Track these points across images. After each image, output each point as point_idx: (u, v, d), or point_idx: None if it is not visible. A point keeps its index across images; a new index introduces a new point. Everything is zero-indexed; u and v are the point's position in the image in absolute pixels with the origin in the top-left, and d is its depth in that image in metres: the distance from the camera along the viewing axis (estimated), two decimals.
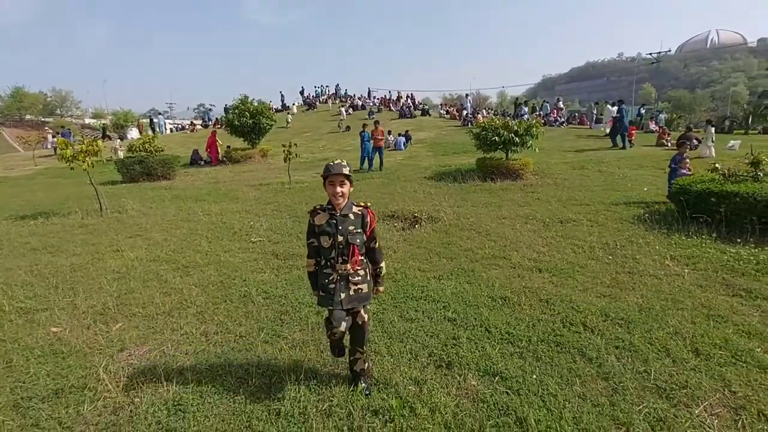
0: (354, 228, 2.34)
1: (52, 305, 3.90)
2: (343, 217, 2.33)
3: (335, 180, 2.29)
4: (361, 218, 2.37)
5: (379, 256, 2.52)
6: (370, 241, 2.43)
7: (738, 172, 6.37)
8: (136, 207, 8.89)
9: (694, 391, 2.45)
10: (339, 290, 2.33)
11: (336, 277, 2.34)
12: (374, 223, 2.42)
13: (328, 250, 2.33)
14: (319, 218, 2.37)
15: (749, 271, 4.36)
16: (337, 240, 2.31)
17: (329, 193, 2.32)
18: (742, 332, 3.13)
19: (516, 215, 7.17)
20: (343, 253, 2.32)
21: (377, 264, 2.52)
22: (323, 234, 2.33)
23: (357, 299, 2.37)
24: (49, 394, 2.56)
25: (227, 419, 2.29)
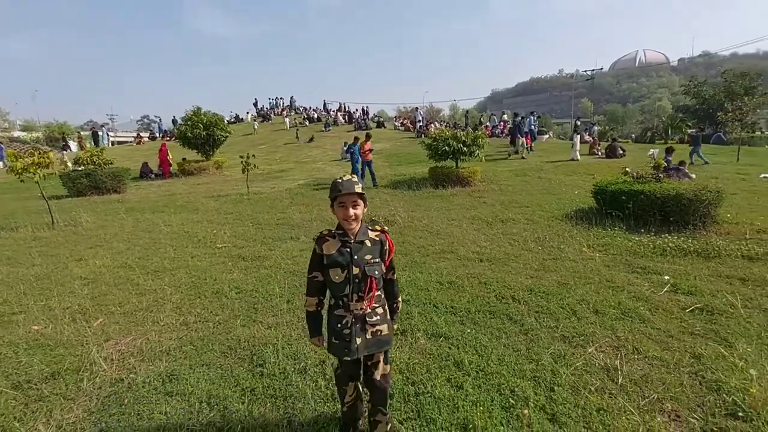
0: (371, 257, 1.95)
1: (26, 308, 4.05)
2: (359, 244, 1.94)
3: (347, 201, 1.89)
4: (380, 245, 1.99)
5: (397, 288, 2.19)
6: (388, 271, 2.08)
7: (644, 175, 7.53)
8: (90, 219, 8.79)
9: (589, 337, 3.18)
10: (354, 335, 1.93)
11: (351, 320, 1.94)
12: (393, 250, 2.06)
13: (341, 285, 1.93)
14: (329, 246, 1.94)
15: (647, 253, 5.31)
16: (352, 272, 1.91)
17: (339, 217, 1.92)
18: (633, 297, 3.95)
19: (463, 217, 7.94)
20: (359, 289, 1.93)
21: (395, 298, 2.17)
22: (334, 266, 1.92)
23: (376, 344, 1.99)
24: (46, 376, 2.83)
25: (217, 382, 2.70)
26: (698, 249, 5.30)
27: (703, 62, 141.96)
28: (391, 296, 2.15)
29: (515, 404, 2.38)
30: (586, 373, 2.70)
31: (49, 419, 2.39)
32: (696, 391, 2.51)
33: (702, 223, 6.32)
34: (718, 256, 5.11)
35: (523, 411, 2.29)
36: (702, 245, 5.41)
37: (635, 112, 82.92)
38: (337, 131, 29.18)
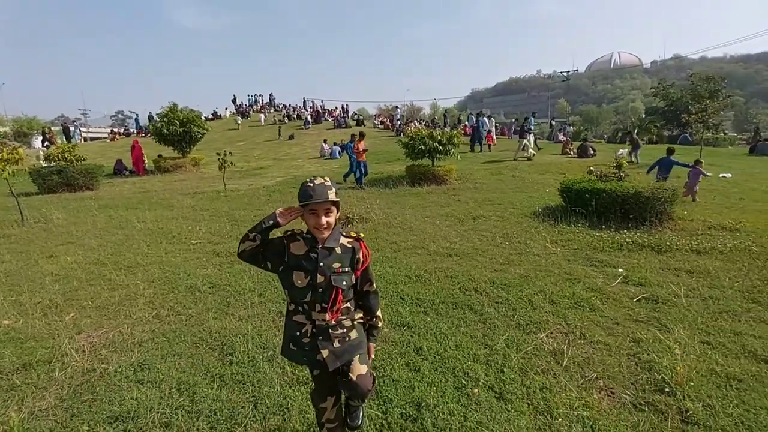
0: (340, 266, 1.77)
1: None
2: (327, 250, 1.76)
3: (318, 209, 1.70)
4: (351, 253, 1.80)
5: (375, 302, 1.94)
6: (363, 282, 1.88)
7: (607, 174, 7.91)
8: (61, 216, 8.64)
9: (542, 325, 3.42)
10: (318, 346, 1.77)
11: (310, 329, 1.79)
12: (368, 259, 1.86)
13: (302, 291, 1.74)
14: (296, 246, 1.78)
15: (605, 248, 5.64)
16: (316, 280, 1.73)
17: (310, 224, 1.74)
18: (587, 288, 4.24)
19: (437, 214, 8.17)
20: (322, 299, 1.75)
21: (372, 313, 1.94)
22: (298, 269, 1.74)
23: (348, 351, 1.81)
24: (17, 368, 2.88)
25: (188, 370, 2.82)
26: (652, 244, 5.66)
27: (674, 65, 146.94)
28: (367, 311, 1.92)
29: (467, 384, 2.59)
30: (534, 356, 2.94)
31: (20, 406, 2.46)
32: (631, 370, 2.77)
33: (658, 220, 6.71)
34: (669, 250, 5.47)
35: (473, 390, 2.50)
36: (656, 240, 5.78)
37: (609, 112, 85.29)
38: (317, 129, 29.13)
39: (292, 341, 1.84)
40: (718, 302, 3.85)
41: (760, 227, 6.42)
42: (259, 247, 1.76)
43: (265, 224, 1.73)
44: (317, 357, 1.78)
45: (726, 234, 6.16)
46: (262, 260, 1.79)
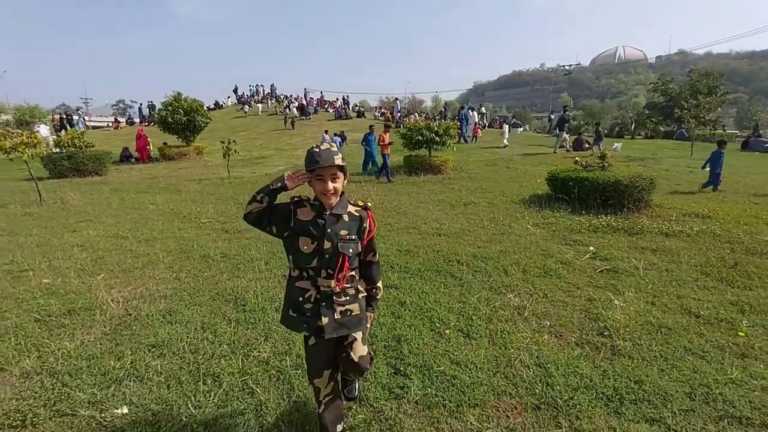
0: (347, 233, 1.78)
1: (33, 267, 4.57)
2: (335, 217, 1.78)
3: (325, 174, 1.71)
4: (359, 221, 1.83)
5: (377, 272, 1.98)
6: (367, 252, 1.91)
7: (592, 164, 8.39)
8: (76, 198, 9.15)
9: (512, 288, 3.94)
10: (320, 312, 1.78)
11: (315, 295, 1.79)
12: (374, 229, 1.89)
13: (308, 256, 1.76)
14: (304, 212, 1.79)
15: (582, 230, 6.15)
16: (323, 246, 1.74)
17: (317, 190, 1.75)
18: (558, 262, 4.75)
19: (431, 200, 8.68)
20: (328, 265, 1.77)
21: (373, 282, 1.96)
22: (305, 234, 1.75)
23: (347, 324, 1.82)
24: (63, 312, 3.41)
25: (208, 315, 3.35)
26: (625, 227, 6.17)
27: (679, 60, 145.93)
28: (369, 280, 1.95)
29: (440, 327, 3.12)
30: (500, 309, 3.46)
31: (72, 339, 2.99)
32: (580, 321, 3.30)
33: (636, 207, 7.21)
34: (640, 232, 5.98)
35: (445, 331, 3.03)
36: (630, 224, 6.28)
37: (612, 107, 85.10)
38: (317, 119, 29.53)
39: (292, 307, 1.83)
40: (672, 274, 4.37)
41: (730, 215, 6.91)
42: (266, 210, 1.74)
43: (273, 186, 1.73)
44: (317, 323, 1.77)
45: (697, 220, 6.66)
46: (267, 223, 1.77)
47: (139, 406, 2.25)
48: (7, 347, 2.87)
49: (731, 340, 2.94)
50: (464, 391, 2.34)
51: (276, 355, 2.73)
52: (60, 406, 2.27)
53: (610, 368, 2.58)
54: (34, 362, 2.71)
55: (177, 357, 2.74)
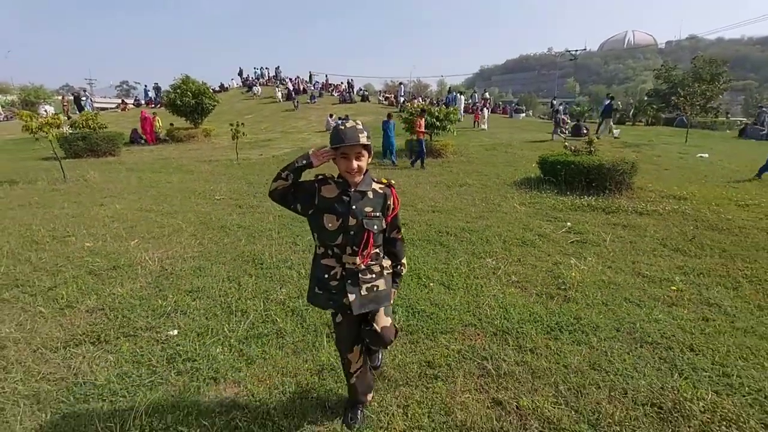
0: (372, 210, 1.81)
1: (73, 233, 5.23)
2: (360, 194, 1.80)
3: (350, 152, 1.73)
4: (383, 199, 1.85)
5: (401, 249, 2.02)
6: (392, 229, 1.95)
7: (580, 149, 8.90)
8: (96, 176, 9.79)
9: (492, 254, 4.56)
10: (346, 289, 1.81)
11: (341, 272, 1.82)
12: (398, 206, 1.92)
13: (334, 234, 1.78)
14: (328, 189, 1.81)
15: (564, 209, 6.72)
16: (348, 223, 1.77)
17: (342, 169, 1.78)
18: (536, 234, 5.35)
19: (429, 182, 9.25)
20: (353, 242, 1.79)
21: (398, 259, 2.01)
22: (330, 212, 1.78)
23: (374, 300, 1.85)
24: (109, 268, 4.07)
25: (232, 271, 3.99)
26: (604, 206, 6.74)
27: (689, 45, 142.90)
28: (394, 257, 1.99)
29: (426, 282, 3.74)
30: (478, 269, 4.08)
31: (122, 286, 3.65)
32: (544, 278, 3.91)
33: (617, 189, 7.75)
34: (616, 211, 6.54)
35: (429, 284, 3.65)
36: (608, 204, 6.85)
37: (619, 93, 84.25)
38: (322, 103, 29.85)
39: (318, 284, 1.86)
40: (634, 245, 4.96)
41: (706, 197, 7.45)
42: (291, 188, 1.77)
43: (298, 164, 1.75)
44: (344, 300, 1.80)
45: (672, 201, 7.21)
46: (292, 201, 1.80)
47: (186, 330, 2.90)
48: (71, 291, 3.53)
49: (666, 293, 3.55)
50: (439, 324, 2.97)
51: (290, 299, 3.37)
52: (124, 329, 2.93)
53: (557, 309, 3.20)
54: (95, 302, 3.37)
55: (210, 299, 3.39)
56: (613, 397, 2.20)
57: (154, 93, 36.68)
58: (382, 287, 1.89)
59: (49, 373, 2.44)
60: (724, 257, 4.51)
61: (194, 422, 2.02)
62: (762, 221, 5.99)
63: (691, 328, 2.96)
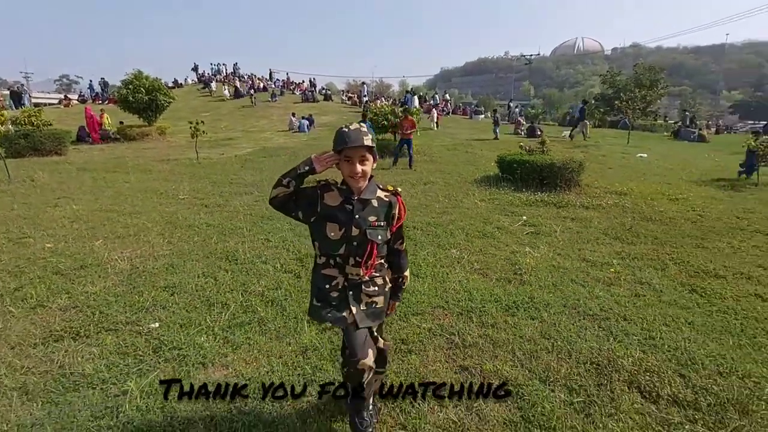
0: (376, 219, 1.75)
1: (31, 235, 5.05)
2: (363, 202, 1.74)
3: (353, 155, 1.68)
4: (388, 207, 1.80)
5: (405, 261, 1.96)
6: (396, 240, 1.88)
7: (533, 149, 9.53)
8: (45, 177, 9.30)
9: (455, 245, 4.90)
10: (348, 302, 1.76)
11: (342, 283, 1.78)
12: (404, 215, 1.86)
13: (336, 244, 1.74)
14: (331, 197, 1.76)
15: (520, 204, 7.23)
16: (351, 233, 1.72)
17: (345, 173, 1.72)
18: (495, 227, 5.76)
19: (394, 180, 9.54)
20: (357, 252, 1.74)
21: (401, 271, 1.95)
22: (332, 220, 1.73)
23: (370, 317, 1.80)
24: (76, 267, 4.01)
25: (206, 268, 4.06)
26: (555, 201, 7.31)
27: (632, 53, 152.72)
28: (397, 268, 1.92)
29: None
30: (443, 259, 4.41)
31: (93, 284, 3.64)
32: (502, 265, 4.29)
33: (567, 186, 8.40)
34: (566, 206, 7.13)
35: None
36: (559, 199, 7.44)
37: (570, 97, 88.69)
38: (284, 102, 29.50)
39: (318, 295, 1.79)
40: (580, 234, 5.49)
41: (643, 193, 8.24)
42: (292, 195, 1.71)
43: (300, 170, 1.69)
44: (343, 313, 1.73)
45: (615, 196, 7.92)
46: (293, 208, 1.74)
47: (168, 322, 2.99)
48: (40, 291, 3.49)
49: (605, 275, 4.02)
50: (410, 307, 3.25)
51: (268, 290, 3.52)
52: (103, 324, 2.97)
53: (514, 291, 3.58)
54: (67, 301, 3.36)
55: (188, 294, 3.47)
56: (560, 359, 2.57)
57: (100, 88, 34.73)
58: (380, 304, 1.84)
59: (33, 366, 2.47)
60: (655, 244, 5.11)
61: (189, 401, 2.16)
62: (688, 213, 6.77)
63: (625, 302, 3.41)
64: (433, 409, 2.14)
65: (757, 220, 6.29)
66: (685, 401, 2.23)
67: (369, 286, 1.80)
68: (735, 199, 7.99)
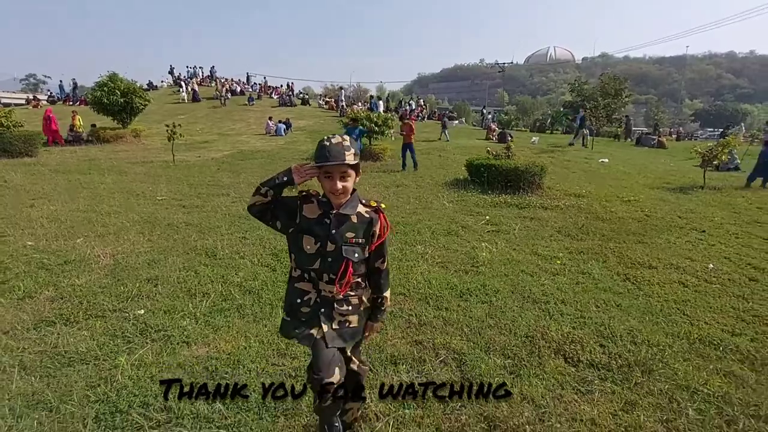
0: (353, 236, 1.70)
1: (9, 234, 5.16)
2: (342, 217, 1.69)
3: (334, 172, 1.63)
4: (368, 224, 1.74)
5: (386, 281, 1.87)
6: (376, 258, 1.81)
7: (500, 153, 10.10)
8: (18, 178, 9.25)
9: (422, 242, 5.30)
10: (319, 319, 1.70)
11: (315, 299, 1.72)
12: (386, 233, 1.81)
13: (311, 257, 1.69)
14: (310, 209, 1.71)
15: (485, 205, 7.72)
16: (326, 248, 1.67)
17: (325, 189, 1.68)
18: (459, 226, 6.21)
19: (368, 183, 9.92)
20: (331, 269, 1.68)
21: (380, 292, 1.86)
22: (309, 233, 1.68)
23: (344, 335, 1.73)
24: (60, 263, 4.20)
25: (186, 263, 4.32)
26: (517, 203, 7.85)
27: (601, 62, 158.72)
28: (376, 289, 1.84)
29: None
30: (409, 254, 4.80)
31: (78, 278, 3.85)
32: (462, 259, 4.72)
33: (530, 188, 8.98)
34: (527, 206, 7.67)
35: None
36: (521, 201, 7.98)
37: (542, 104, 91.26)
38: (261, 105, 29.49)
39: (289, 310, 1.75)
40: (536, 232, 6.00)
41: (599, 195, 8.89)
42: (270, 204, 1.67)
43: (279, 180, 1.65)
44: (311, 330, 1.67)
45: (572, 198, 8.53)
46: (271, 218, 1.71)
47: (152, 309, 3.26)
48: (27, 284, 3.68)
49: (552, 266, 4.51)
50: None
51: (246, 281, 3.83)
52: (92, 311, 3.22)
53: (469, 280, 4.01)
54: (54, 292, 3.57)
55: (171, 285, 3.74)
56: (502, 333, 2.99)
57: (71, 89, 33.84)
58: (354, 324, 1.75)
59: (28, 347, 2.71)
60: (602, 240, 5.66)
61: (177, 370, 2.46)
62: (637, 213, 7.42)
63: (566, 289, 3.89)
64: (389, 375, 2.51)
65: (695, 219, 6.98)
66: (600, 364, 2.68)
67: (342, 305, 1.72)
68: (680, 201, 8.74)
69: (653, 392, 2.42)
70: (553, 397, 2.32)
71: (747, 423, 2.21)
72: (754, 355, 2.86)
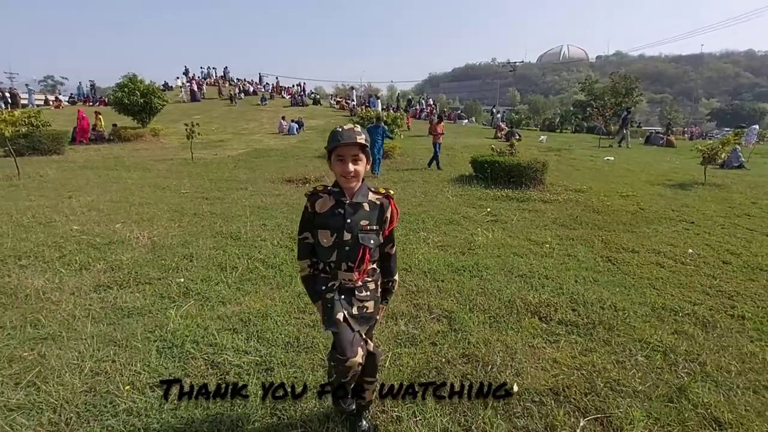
0: (368, 223, 1.76)
1: (55, 220, 5.80)
2: (355, 206, 1.75)
3: (346, 154, 1.68)
4: (379, 210, 1.81)
5: (395, 265, 2.00)
6: (386, 244, 1.90)
7: (504, 150, 10.54)
8: (52, 173, 9.99)
9: (425, 229, 5.81)
10: (339, 305, 1.76)
11: (335, 286, 1.80)
12: (397, 219, 1.89)
13: (328, 250, 1.77)
14: (322, 204, 1.77)
15: (487, 199, 8.19)
16: (342, 238, 1.73)
17: (337, 172, 1.72)
18: (461, 216, 6.69)
19: (378, 179, 10.44)
20: (348, 257, 1.76)
21: (390, 275, 1.98)
22: (324, 227, 1.75)
23: (359, 321, 1.80)
24: (106, 243, 4.81)
25: (215, 243, 4.90)
26: (518, 197, 8.29)
27: (616, 61, 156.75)
28: (387, 273, 1.95)
29: None
30: (413, 239, 5.31)
31: (123, 254, 4.44)
32: (461, 243, 5.21)
33: (532, 184, 9.40)
34: (527, 200, 8.10)
35: None
36: (522, 195, 8.42)
37: (555, 103, 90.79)
38: (273, 105, 30.26)
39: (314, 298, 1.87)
40: (533, 222, 6.45)
41: (599, 190, 9.27)
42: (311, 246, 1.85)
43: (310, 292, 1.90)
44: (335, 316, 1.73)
45: (572, 193, 8.93)
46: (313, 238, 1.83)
47: (191, 278, 3.83)
48: (81, 258, 4.29)
49: (542, 250, 4.97)
50: None
51: (268, 258, 4.39)
52: (140, 279, 3.80)
53: (465, 259, 4.50)
54: (105, 265, 4.17)
55: (204, 260, 4.31)
56: (487, 299, 3.49)
57: (89, 90, 35.15)
58: (371, 309, 1.84)
59: (92, 304, 3.29)
60: (593, 229, 6.09)
61: (217, 320, 3.01)
62: (632, 206, 7.80)
63: (552, 267, 4.36)
64: (390, 327, 3.03)
65: (688, 212, 7.35)
66: (569, 322, 3.16)
67: (361, 291, 1.81)
68: (678, 196, 9.07)
69: (610, 343, 2.89)
70: (524, 344, 2.81)
71: (686, 365, 2.67)
72: (708, 320, 3.30)
